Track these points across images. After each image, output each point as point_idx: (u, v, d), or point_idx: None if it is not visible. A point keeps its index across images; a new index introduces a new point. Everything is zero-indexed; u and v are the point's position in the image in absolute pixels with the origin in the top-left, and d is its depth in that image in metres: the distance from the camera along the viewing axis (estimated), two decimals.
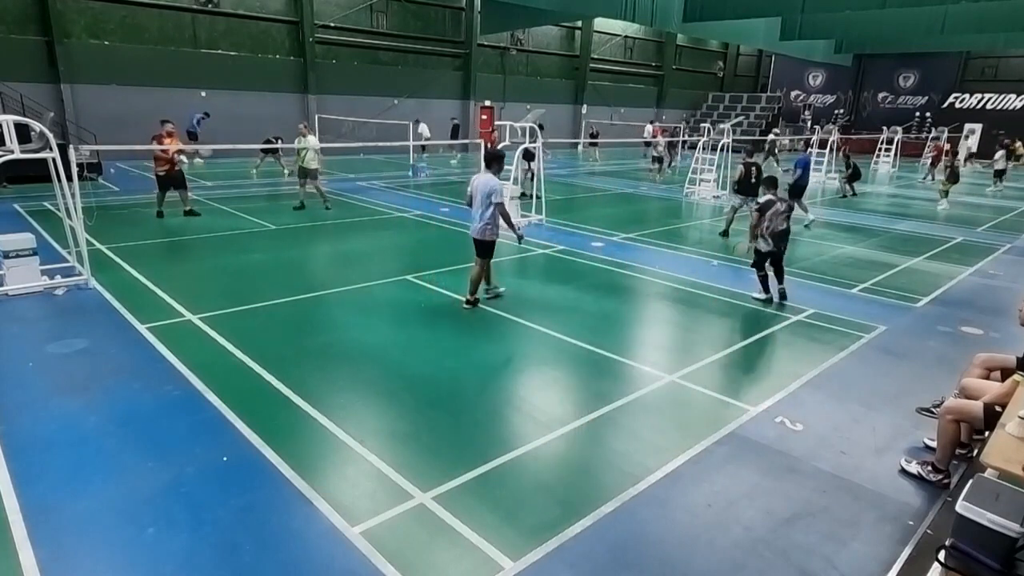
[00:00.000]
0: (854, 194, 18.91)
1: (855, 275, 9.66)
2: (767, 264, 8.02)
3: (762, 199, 7.93)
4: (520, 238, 7.66)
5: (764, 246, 7.82)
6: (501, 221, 7.20)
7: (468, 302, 7.37)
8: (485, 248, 7.26)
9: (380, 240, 11.33)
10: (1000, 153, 21.74)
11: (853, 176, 18.89)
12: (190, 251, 10.13)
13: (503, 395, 5.39)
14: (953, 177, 18.22)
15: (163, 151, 11.72)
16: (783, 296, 8.05)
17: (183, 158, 13.05)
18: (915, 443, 4.67)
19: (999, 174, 21.55)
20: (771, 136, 26.60)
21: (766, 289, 8.09)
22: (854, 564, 3.40)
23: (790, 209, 7.93)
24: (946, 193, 17.98)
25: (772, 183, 8.06)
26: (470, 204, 7.28)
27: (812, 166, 21.20)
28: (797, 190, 13.51)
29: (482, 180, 7.09)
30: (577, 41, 35.01)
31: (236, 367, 5.63)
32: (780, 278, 8.10)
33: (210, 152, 18.97)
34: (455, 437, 4.60)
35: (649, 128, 23.77)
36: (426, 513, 3.70)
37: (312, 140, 13.51)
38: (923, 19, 18.31)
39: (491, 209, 7.03)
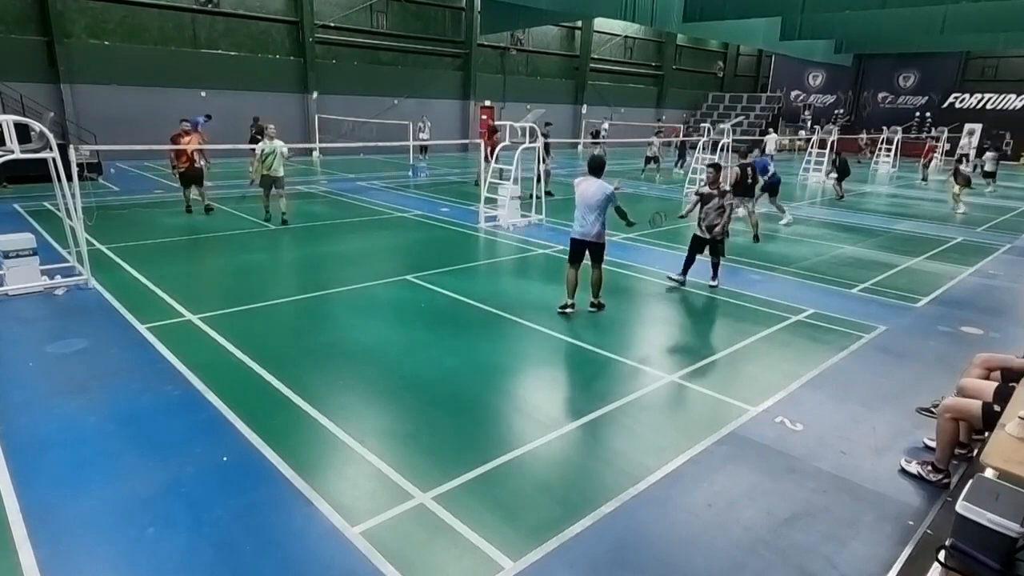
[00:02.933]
0: (840, 197, 18.04)
1: (855, 275, 9.65)
2: (705, 252, 8.57)
3: (704, 190, 8.56)
4: (631, 224, 7.60)
5: (699, 232, 8.47)
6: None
7: (593, 304, 7.49)
8: (600, 251, 7.37)
9: (380, 240, 11.32)
10: (990, 155, 21.65)
11: (842, 173, 17.91)
12: (190, 251, 10.12)
13: (503, 395, 5.39)
14: (964, 180, 16.50)
15: (179, 148, 11.95)
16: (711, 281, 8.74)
17: (205, 158, 13.10)
18: (915, 443, 4.67)
19: (989, 176, 21.50)
20: (763, 136, 26.58)
21: (684, 272, 8.63)
22: (854, 564, 3.40)
23: (723, 209, 8.34)
24: (957, 197, 16.58)
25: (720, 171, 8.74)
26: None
27: (803, 165, 21.27)
28: (771, 189, 13.49)
29: (594, 185, 7.08)
30: (577, 41, 35.01)
31: (236, 367, 5.63)
32: (714, 272, 8.72)
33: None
34: (455, 437, 4.60)
35: (655, 141, 23.32)
36: (426, 513, 3.70)
37: (280, 144, 12.19)
38: (923, 19, 18.30)
39: (603, 214, 7.12)
